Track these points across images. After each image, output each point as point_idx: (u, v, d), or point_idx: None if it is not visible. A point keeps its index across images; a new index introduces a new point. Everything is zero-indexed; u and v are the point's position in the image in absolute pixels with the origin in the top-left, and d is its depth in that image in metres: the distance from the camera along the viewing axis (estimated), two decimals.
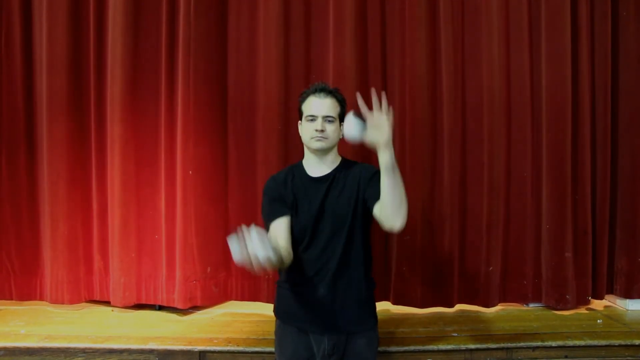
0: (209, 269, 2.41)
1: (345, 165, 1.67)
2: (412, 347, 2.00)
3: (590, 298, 2.48)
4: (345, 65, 2.38)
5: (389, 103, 2.41)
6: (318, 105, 1.60)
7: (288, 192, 1.63)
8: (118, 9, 2.36)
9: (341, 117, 1.64)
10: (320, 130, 1.57)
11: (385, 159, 1.35)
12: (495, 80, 2.41)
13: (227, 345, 1.99)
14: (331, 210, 1.59)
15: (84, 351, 1.98)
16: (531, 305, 2.52)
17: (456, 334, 2.12)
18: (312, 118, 1.60)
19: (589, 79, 2.45)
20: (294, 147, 2.40)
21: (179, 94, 2.36)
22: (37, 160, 2.49)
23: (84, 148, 2.47)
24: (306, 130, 1.62)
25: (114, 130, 2.38)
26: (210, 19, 2.41)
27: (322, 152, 1.62)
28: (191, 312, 2.43)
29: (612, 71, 2.49)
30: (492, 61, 2.41)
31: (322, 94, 1.62)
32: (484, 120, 2.42)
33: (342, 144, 1.70)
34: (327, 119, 1.59)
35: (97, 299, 2.51)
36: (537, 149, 2.46)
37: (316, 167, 1.65)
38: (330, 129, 1.59)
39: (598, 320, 2.29)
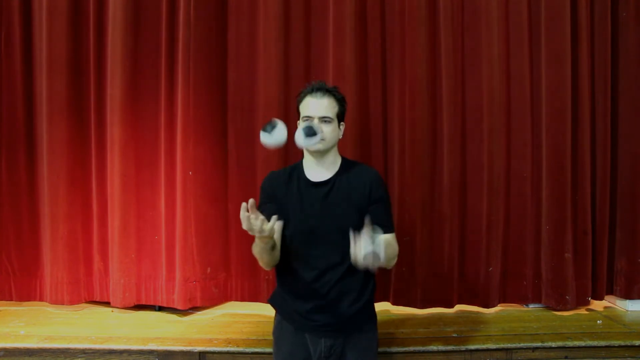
0: (208, 270, 2.41)
1: (346, 168, 1.63)
2: (412, 348, 2.00)
3: (590, 299, 2.48)
4: (345, 65, 2.38)
5: (389, 103, 2.45)
6: (314, 106, 1.56)
7: (284, 193, 1.60)
8: (118, 10, 2.36)
9: (339, 117, 1.62)
10: None
11: None
12: (495, 81, 2.41)
13: (227, 346, 1.99)
14: (331, 216, 1.55)
15: (83, 352, 1.98)
16: (531, 305, 2.52)
17: (456, 335, 2.12)
18: (308, 119, 1.57)
19: (589, 80, 2.45)
20: (294, 147, 2.39)
21: (179, 95, 2.36)
22: (37, 161, 2.50)
23: (84, 149, 2.47)
24: None
25: (114, 131, 2.38)
26: (210, 20, 2.41)
27: (320, 154, 1.59)
28: (191, 313, 2.43)
29: (612, 71, 2.49)
30: (492, 61, 2.41)
31: (318, 94, 1.57)
32: (483, 121, 2.42)
33: (342, 144, 1.69)
34: (323, 119, 1.55)
35: (97, 299, 2.51)
36: (537, 150, 2.46)
37: (315, 169, 1.62)
38: (327, 129, 1.55)
39: (598, 321, 2.29)
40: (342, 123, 1.65)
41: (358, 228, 1.53)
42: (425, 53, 2.40)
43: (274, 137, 1.51)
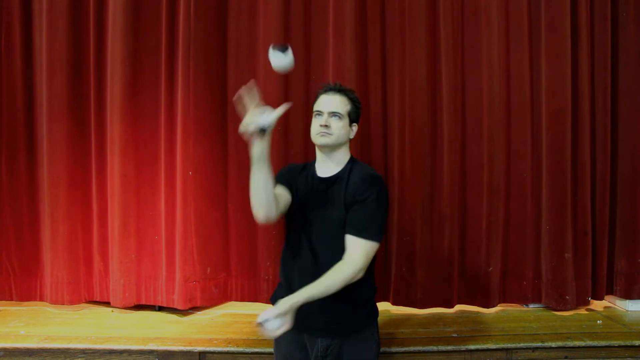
0: (208, 270, 2.41)
1: (350, 166, 1.64)
2: (412, 348, 2.00)
3: (590, 299, 2.48)
4: (345, 65, 2.38)
5: (389, 103, 2.45)
6: (325, 102, 1.60)
7: (295, 182, 1.65)
8: (118, 9, 2.36)
9: (351, 116, 1.62)
10: (325, 125, 1.56)
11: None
12: (495, 81, 2.41)
13: (227, 346, 1.99)
14: (328, 214, 1.57)
15: (83, 352, 1.99)
16: (531, 305, 2.52)
17: (456, 335, 2.12)
18: (319, 113, 1.60)
19: (588, 80, 2.44)
20: (294, 146, 2.40)
21: (179, 94, 2.36)
22: (37, 161, 2.50)
23: (84, 148, 2.47)
24: (313, 126, 1.62)
25: (114, 131, 2.38)
26: (210, 19, 2.41)
27: (328, 150, 1.61)
28: (191, 313, 2.43)
29: (612, 71, 2.49)
30: (491, 62, 2.41)
31: (331, 92, 1.62)
32: (483, 121, 2.42)
33: (353, 144, 1.70)
34: (333, 114, 1.58)
35: (97, 299, 2.51)
36: (537, 150, 2.46)
37: (324, 166, 1.65)
38: (336, 125, 1.58)
39: (598, 321, 2.29)
40: (354, 123, 1.66)
41: (343, 226, 1.55)
42: (425, 53, 2.40)
43: (288, 58, 1.49)
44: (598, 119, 2.49)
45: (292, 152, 2.40)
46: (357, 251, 1.49)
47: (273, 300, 1.70)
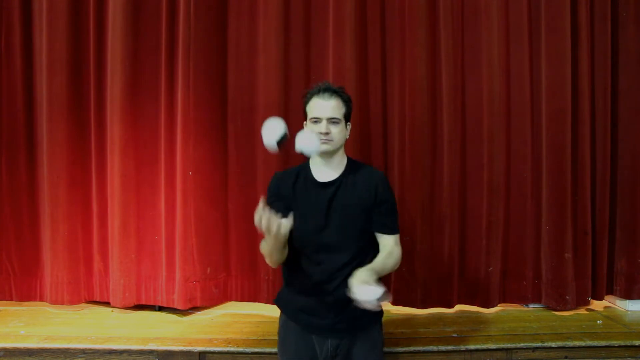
0: (208, 270, 2.41)
1: (352, 168, 1.64)
2: (412, 348, 2.00)
3: (590, 299, 2.48)
4: (345, 65, 2.38)
5: (389, 103, 2.45)
6: (322, 107, 1.57)
7: (291, 193, 1.61)
8: (118, 9, 2.36)
9: (346, 118, 1.62)
10: (325, 132, 1.55)
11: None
12: (495, 81, 2.41)
13: (227, 346, 1.99)
14: (339, 216, 1.56)
15: (83, 352, 1.98)
16: (531, 305, 2.52)
17: (456, 335, 2.12)
18: (317, 120, 1.58)
19: (588, 80, 2.45)
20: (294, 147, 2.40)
21: (179, 94, 2.36)
22: (37, 161, 2.50)
23: (84, 148, 2.47)
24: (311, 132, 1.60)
25: (114, 131, 2.38)
26: (210, 19, 2.41)
27: (327, 155, 1.60)
28: (191, 313, 2.43)
29: (612, 71, 2.49)
30: (492, 62, 2.41)
31: (326, 95, 1.58)
32: (483, 121, 2.42)
33: (348, 145, 1.69)
34: (331, 120, 1.56)
35: (97, 299, 2.51)
36: (537, 150, 2.46)
37: (323, 170, 1.63)
38: (335, 130, 1.57)
39: (598, 321, 2.29)
40: (348, 123, 1.65)
41: (363, 228, 1.56)
42: (425, 53, 2.40)
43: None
44: (598, 119, 2.49)
45: (292, 152, 2.39)
46: (396, 245, 1.61)
47: (278, 302, 1.70)
